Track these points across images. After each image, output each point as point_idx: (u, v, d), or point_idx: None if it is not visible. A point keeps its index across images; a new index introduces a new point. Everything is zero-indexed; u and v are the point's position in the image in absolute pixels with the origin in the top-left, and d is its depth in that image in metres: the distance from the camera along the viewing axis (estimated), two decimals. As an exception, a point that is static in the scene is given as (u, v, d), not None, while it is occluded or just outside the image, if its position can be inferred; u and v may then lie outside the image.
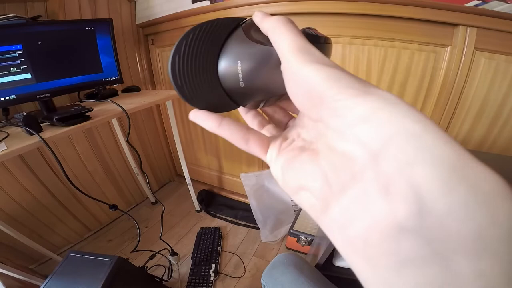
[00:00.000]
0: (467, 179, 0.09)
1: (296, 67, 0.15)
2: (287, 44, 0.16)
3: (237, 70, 0.19)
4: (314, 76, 0.13)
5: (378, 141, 0.10)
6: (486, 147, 1.00)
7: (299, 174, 0.15)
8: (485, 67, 0.89)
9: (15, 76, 0.87)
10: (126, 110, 0.96)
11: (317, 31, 0.20)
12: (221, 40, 0.20)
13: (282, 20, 0.17)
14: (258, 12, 0.19)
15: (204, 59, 0.19)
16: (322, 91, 0.13)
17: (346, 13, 0.95)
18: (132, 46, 1.50)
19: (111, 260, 0.77)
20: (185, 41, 0.19)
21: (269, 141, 0.19)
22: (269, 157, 0.19)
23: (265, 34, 0.18)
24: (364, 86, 0.12)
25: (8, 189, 1.06)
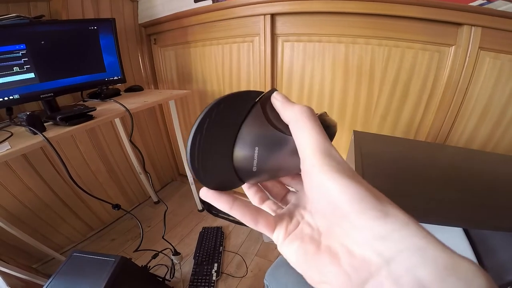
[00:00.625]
0: (456, 272, 0.12)
1: (320, 178, 0.16)
2: (310, 144, 0.17)
3: (253, 156, 0.20)
4: (339, 194, 0.15)
5: (391, 253, 0.14)
6: (490, 147, 0.99)
7: (323, 273, 0.17)
8: (490, 67, 0.88)
9: (18, 76, 0.87)
10: (129, 110, 0.96)
11: (328, 115, 0.21)
12: (238, 121, 0.19)
13: (305, 113, 0.18)
14: (278, 95, 0.20)
15: (222, 145, 0.19)
16: (346, 210, 0.15)
17: (349, 13, 0.95)
18: (135, 45, 1.50)
19: (114, 259, 0.78)
20: (202, 128, 0.19)
21: (275, 222, 0.21)
22: (275, 237, 0.21)
23: (286, 123, 0.19)
24: (382, 205, 0.15)
25: (11, 188, 1.07)
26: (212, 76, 1.38)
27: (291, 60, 1.13)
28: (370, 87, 1.04)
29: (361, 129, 1.13)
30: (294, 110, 0.18)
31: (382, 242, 0.14)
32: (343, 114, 1.14)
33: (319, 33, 1.03)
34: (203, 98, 1.49)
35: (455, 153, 0.78)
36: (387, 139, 0.85)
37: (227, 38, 1.23)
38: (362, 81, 1.04)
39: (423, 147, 0.82)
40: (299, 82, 1.15)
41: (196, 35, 1.32)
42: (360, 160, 0.61)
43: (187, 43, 1.38)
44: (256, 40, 1.14)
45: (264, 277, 0.67)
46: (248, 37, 1.17)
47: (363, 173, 0.56)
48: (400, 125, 1.08)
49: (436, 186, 0.57)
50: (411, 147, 0.79)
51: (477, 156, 0.75)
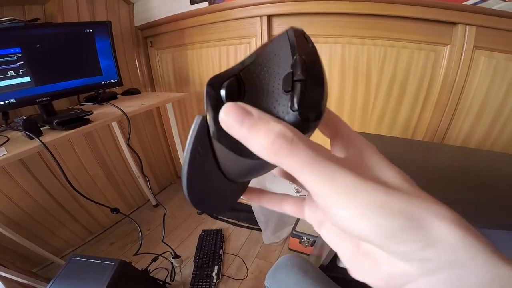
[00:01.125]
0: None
1: (337, 211, 0.13)
2: (309, 177, 0.13)
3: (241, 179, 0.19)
4: (365, 227, 0.12)
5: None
6: (487, 146, 1.00)
7: (367, 273, 0.15)
8: (485, 65, 0.89)
9: (14, 80, 0.87)
10: (126, 113, 0.95)
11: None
12: (210, 156, 0.17)
13: (280, 142, 0.12)
14: (228, 115, 0.13)
15: (210, 177, 0.18)
16: (380, 244, 0.13)
17: (345, 13, 0.95)
18: (131, 48, 1.49)
19: (113, 263, 0.77)
20: (190, 170, 0.17)
21: (304, 204, 0.20)
22: (308, 218, 0.20)
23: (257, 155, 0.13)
24: (424, 231, 0.12)
25: (9, 193, 1.06)
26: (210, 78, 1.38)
27: (288, 61, 1.13)
28: (367, 87, 1.05)
29: (359, 130, 1.13)
30: (265, 144, 0.12)
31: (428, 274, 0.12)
32: (340, 115, 1.13)
33: (315, 34, 1.04)
34: (200, 101, 1.49)
35: (453, 152, 0.79)
36: (385, 139, 0.85)
37: (224, 40, 1.23)
38: (359, 82, 1.05)
39: (421, 147, 0.83)
40: (296, 83, 1.15)
41: (192, 37, 1.32)
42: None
43: (184, 45, 1.37)
44: (253, 41, 1.14)
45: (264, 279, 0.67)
46: (245, 38, 1.17)
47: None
48: (397, 125, 1.08)
49: (435, 185, 0.57)
50: (409, 147, 0.80)
51: (475, 154, 0.76)
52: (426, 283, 0.12)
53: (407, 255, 0.12)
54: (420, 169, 0.65)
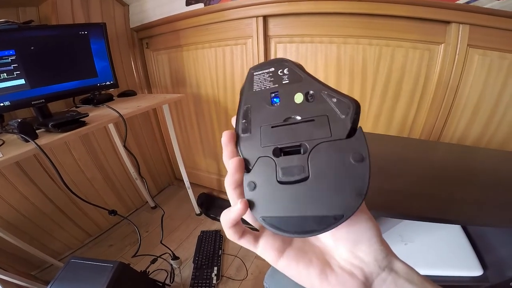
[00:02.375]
0: None
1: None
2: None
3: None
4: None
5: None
6: (483, 144, 1.01)
7: (340, 284, 0.20)
8: (479, 64, 0.90)
9: (8, 82, 0.86)
10: (122, 115, 0.95)
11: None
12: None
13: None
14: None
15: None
16: (373, 266, 0.20)
17: (340, 13, 0.96)
18: (127, 50, 1.49)
19: (112, 265, 0.77)
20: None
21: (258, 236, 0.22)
22: (262, 247, 0.22)
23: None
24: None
25: (7, 197, 1.05)
26: (206, 79, 1.38)
27: (284, 61, 1.13)
28: (363, 86, 1.05)
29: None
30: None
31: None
32: (337, 114, 1.15)
33: (311, 34, 1.04)
34: (197, 102, 1.49)
35: (449, 150, 0.79)
36: (382, 138, 0.86)
37: (220, 41, 1.23)
38: (355, 81, 1.05)
39: (417, 145, 0.83)
40: (293, 83, 1.15)
41: (188, 39, 1.32)
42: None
43: (179, 46, 1.37)
44: (249, 42, 1.15)
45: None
46: (241, 39, 1.17)
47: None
48: (393, 124, 1.09)
49: (432, 183, 0.57)
50: (405, 146, 0.80)
51: (471, 152, 0.76)
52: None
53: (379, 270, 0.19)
54: (418, 166, 0.65)
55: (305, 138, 0.18)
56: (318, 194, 0.17)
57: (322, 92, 0.19)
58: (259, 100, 0.21)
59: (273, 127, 0.20)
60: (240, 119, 0.21)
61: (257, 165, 0.19)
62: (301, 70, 0.21)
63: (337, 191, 0.16)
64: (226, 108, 1.40)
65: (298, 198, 0.17)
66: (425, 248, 0.64)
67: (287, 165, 0.18)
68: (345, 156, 0.17)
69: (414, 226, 0.69)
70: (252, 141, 0.20)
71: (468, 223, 0.62)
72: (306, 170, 0.17)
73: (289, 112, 0.20)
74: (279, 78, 0.21)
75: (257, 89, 0.22)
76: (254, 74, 0.22)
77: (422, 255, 0.63)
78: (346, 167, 0.17)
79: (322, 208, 0.17)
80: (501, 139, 0.98)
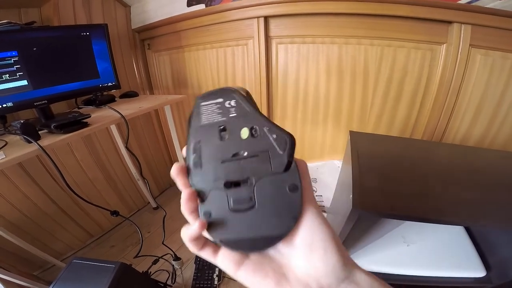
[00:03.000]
0: None
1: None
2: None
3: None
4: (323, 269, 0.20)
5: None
6: (486, 144, 1.00)
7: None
8: (482, 64, 0.90)
9: (11, 83, 0.86)
10: (124, 116, 0.95)
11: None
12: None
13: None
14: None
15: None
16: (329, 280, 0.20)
17: (341, 13, 0.96)
18: (129, 51, 1.49)
19: (114, 266, 0.77)
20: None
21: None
22: (221, 259, 0.23)
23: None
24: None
25: (9, 197, 1.06)
26: (208, 80, 1.38)
27: (286, 62, 1.13)
28: (365, 87, 1.05)
29: (357, 129, 1.13)
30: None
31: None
32: (339, 114, 1.14)
33: (312, 34, 1.04)
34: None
35: (452, 150, 0.79)
36: (384, 139, 0.86)
37: (221, 41, 1.23)
38: (357, 81, 1.05)
39: (419, 146, 0.83)
40: (294, 84, 1.16)
41: (190, 40, 1.32)
42: (356, 160, 0.62)
43: (181, 47, 1.38)
44: (250, 43, 1.15)
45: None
46: (242, 40, 1.17)
47: (360, 173, 0.56)
48: (395, 124, 1.09)
49: (434, 184, 0.57)
50: (407, 146, 0.80)
51: (474, 153, 0.76)
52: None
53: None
54: (420, 167, 0.65)
55: (251, 172, 0.21)
56: (264, 219, 0.21)
57: (264, 128, 0.22)
58: (208, 135, 0.23)
59: (223, 163, 0.22)
60: (191, 153, 0.23)
61: (211, 196, 0.22)
62: (247, 103, 0.23)
63: (278, 216, 0.20)
64: (228, 109, 1.40)
65: (248, 222, 0.21)
66: (427, 249, 0.64)
67: (236, 196, 0.21)
68: (282, 187, 0.21)
69: (417, 227, 0.69)
70: (204, 176, 0.22)
71: (471, 225, 0.62)
72: (253, 200, 0.21)
73: (236, 148, 0.22)
74: (226, 111, 0.23)
75: (205, 122, 0.23)
76: (201, 105, 0.24)
77: (425, 256, 0.62)
78: (284, 196, 0.21)
79: (267, 230, 0.20)
80: (504, 140, 0.98)
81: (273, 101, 1.25)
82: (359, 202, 0.47)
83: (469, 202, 0.51)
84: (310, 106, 1.17)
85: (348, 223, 0.50)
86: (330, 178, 1.22)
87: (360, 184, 0.52)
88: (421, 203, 0.50)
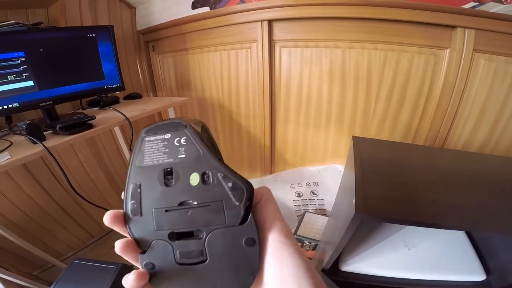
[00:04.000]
0: None
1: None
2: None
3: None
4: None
5: None
6: (488, 150, 1.00)
7: None
8: (485, 69, 0.90)
9: (17, 84, 0.87)
10: (128, 118, 0.96)
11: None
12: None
13: None
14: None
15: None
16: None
17: (345, 18, 0.96)
18: (133, 52, 1.50)
19: (115, 267, 0.78)
20: None
21: None
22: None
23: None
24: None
25: (12, 196, 1.06)
26: (211, 83, 1.39)
27: (289, 66, 1.14)
28: (368, 91, 1.05)
29: (359, 133, 1.13)
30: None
31: None
32: (341, 119, 1.15)
33: (316, 38, 1.05)
34: (202, 105, 1.50)
35: (454, 156, 0.78)
36: (387, 144, 0.85)
37: (225, 44, 1.24)
38: (360, 86, 1.05)
39: (422, 151, 0.83)
40: (297, 87, 1.16)
41: (194, 42, 1.33)
42: (360, 165, 0.62)
43: (185, 49, 1.38)
44: (254, 46, 1.15)
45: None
46: (246, 43, 1.18)
47: (363, 178, 0.56)
48: (398, 129, 1.08)
49: (437, 190, 0.57)
50: (410, 152, 0.80)
51: (476, 159, 0.76)
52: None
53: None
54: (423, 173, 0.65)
55: (201, 223, 0.19)
56: (217, 274, 0.19)
57: (218, 174, 0.19)
58: (151, 178, 0.20)
59: (167, 211, 0.19)
60: (129, 199, 0.20)
61: (153, 247, 0.19)
62: (200, 141, 0.20)
63: (233, 272, 0.18)
64: (231, 112, 1.40)
65: (199, 277, 0.19)
66: (428, 253, 0.64)
67: (184, 249, 0.19)
68: (238, 241, 0.18)
69: (417, 231, 0.69)
70: (144, 224, 0.19)
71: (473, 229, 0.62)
72: (204, 253, 0.19)
73: (184, 196, 0.19)
74: (174, 150, 0.20)
75: (148, 163, 0.20)
76: (146, 140, 0.21)
77: (426, 259, 0.62)
78: (239, 251, 0.18)
79: (222, 285, 0.19)
80: (506, 145, 0.97)
81: (276, 104, 1.25)
82: (362, 207, 0.47)
83: (470, 207, 0.51)
84: (312, 110, 1.18)
85: (350, 227, 0.50)
86: (332, 182, 1.21)
87: (363, 189, 0.52)
88: (424, 208, 0.50)
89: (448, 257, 0.62)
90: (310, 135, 1.25)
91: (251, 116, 1.34)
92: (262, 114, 1.27)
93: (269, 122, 1.28)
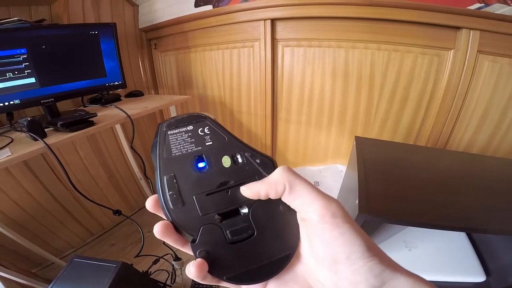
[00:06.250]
0: None
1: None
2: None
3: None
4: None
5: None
6: (490, 152, 0.99)
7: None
8: (489, 70, 0.89)
9: (19, 81, 0.87)
10: (130, 116, 0.96)
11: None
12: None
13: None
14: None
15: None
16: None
17: (349, 17, 0.95)
18: (135, 50, 1.50)
19: (115, 265, 0.77)
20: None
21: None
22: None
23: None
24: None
25: (11, 193, 1.06)
26: (213, 81, 1.38)
27: (292, 65, 1.13)
28: (370, 91, 1.05)
29: (361, 134, 1.13)
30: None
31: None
32: (343, 119, 1.14)
33: (319, 38, 1.04)
34: (203, 104, 1.50)
35: (455, 157, 0.78)
36: (389, 145, 0.85)
37: (227, 43, 1.24)
38: (362, 86, 1.05)
39: (424, 152, 0.82)
40: (300, 87, 1.15)
41: (196, 40, 1.33)
42: (362, 166, 0.62)
43: (187, 48, 1.38)
44: (257, 45, 1.15)
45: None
46: (248, 42, 1.17)
47: (366, 179, 0.56)
48: (400, 129, 1.08)
49: (439, 191, 0.57)
50: (412, 153, 0.80)
51: (478, 160, 0.76)
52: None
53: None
54: (425, 174, 0.64)
55: (241, 200, 0.20)
56: (267, 244, 0.20)
57: (246, 154, 0.21)
58: (184, 166, 0.20)
59: (208, 195, 0.20)
60: (166, 190, 0.20)
61: (202, 234, 0.19)
62: (222, 127, 0.22)
63: (279, 237, 0.20)
64: (232, 111, 1.40)
65: (251, 252, 0.20)
66: (429, 253, 0.64)
67: (233, 227, 0.20)
68: (276, 208, 0.20)
69: (418, 232, 0.69)
70: (188, 213, 0.20)
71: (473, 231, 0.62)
72: (251, 227, 0.20)
73: (221, 178, 0.20)
74: (201, 139, 0.21)
75: (177, 153, 0.21)
76: (169, 134, 0.21)
77: (426, 260, 0.63)
78: (280, 217, 0.20)
79: (273, 254, 0.20)
80: (508, 147, 0.97)
81: (278, 104, 1.24)
82: (365, 208, 0.46)
83: (472, 208, 0.51)
84: (314, 110, 1.17)
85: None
86: (333, 182, 1.21)
87: (366, 190, 0.52)
88: (426, 209, 0.50)
89: (449, 258, 0.62)
90: (311, 134, 1.24)
91: (252, 115, 1.34)
92: (264, 113, 1.27)
93: (271, 121, 1.28)
